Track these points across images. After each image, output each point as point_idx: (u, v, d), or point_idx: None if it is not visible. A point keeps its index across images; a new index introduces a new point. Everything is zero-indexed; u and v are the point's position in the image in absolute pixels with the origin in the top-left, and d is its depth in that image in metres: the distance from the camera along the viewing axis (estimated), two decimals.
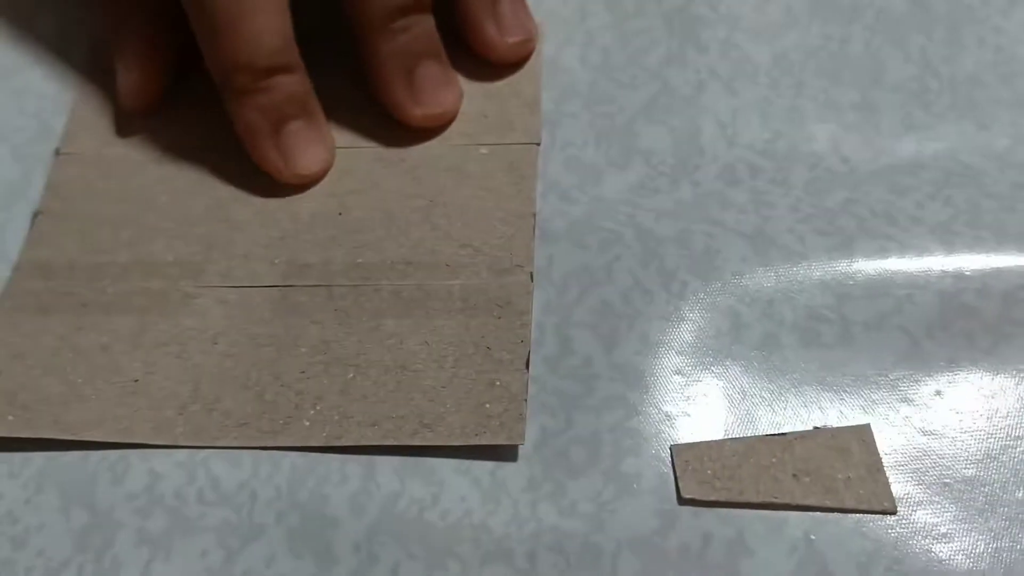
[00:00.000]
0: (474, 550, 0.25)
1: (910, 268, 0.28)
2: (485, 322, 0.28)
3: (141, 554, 0.25)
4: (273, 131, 0.30)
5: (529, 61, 0.33)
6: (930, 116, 0.31)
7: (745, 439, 0.26)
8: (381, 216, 0.30)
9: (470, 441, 0.26)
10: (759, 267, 0.29)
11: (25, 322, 0.29)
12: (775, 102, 0.32)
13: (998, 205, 0.29)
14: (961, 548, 0.24)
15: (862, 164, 0.31)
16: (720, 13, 0.34)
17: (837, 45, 0.33)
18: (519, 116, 0.32)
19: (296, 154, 0.30)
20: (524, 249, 0.29)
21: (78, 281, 0.30)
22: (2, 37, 0.36)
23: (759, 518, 0.25)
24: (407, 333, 0.28)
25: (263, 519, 0.25)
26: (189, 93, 0.33)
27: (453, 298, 0.28)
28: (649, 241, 0.29)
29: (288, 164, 0.30)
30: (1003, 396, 0.26)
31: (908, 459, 0.25)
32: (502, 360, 0.27)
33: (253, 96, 0.30)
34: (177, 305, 0.29)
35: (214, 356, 0.28)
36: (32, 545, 0.26)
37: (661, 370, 0.27)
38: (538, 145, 0.31)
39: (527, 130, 0.32)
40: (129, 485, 0.26)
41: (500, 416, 0.26)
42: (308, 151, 0.31)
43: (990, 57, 0.33)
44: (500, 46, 0.32)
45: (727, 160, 0.31)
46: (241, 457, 0.26)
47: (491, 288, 0.28)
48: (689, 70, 0.33)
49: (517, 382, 0.26)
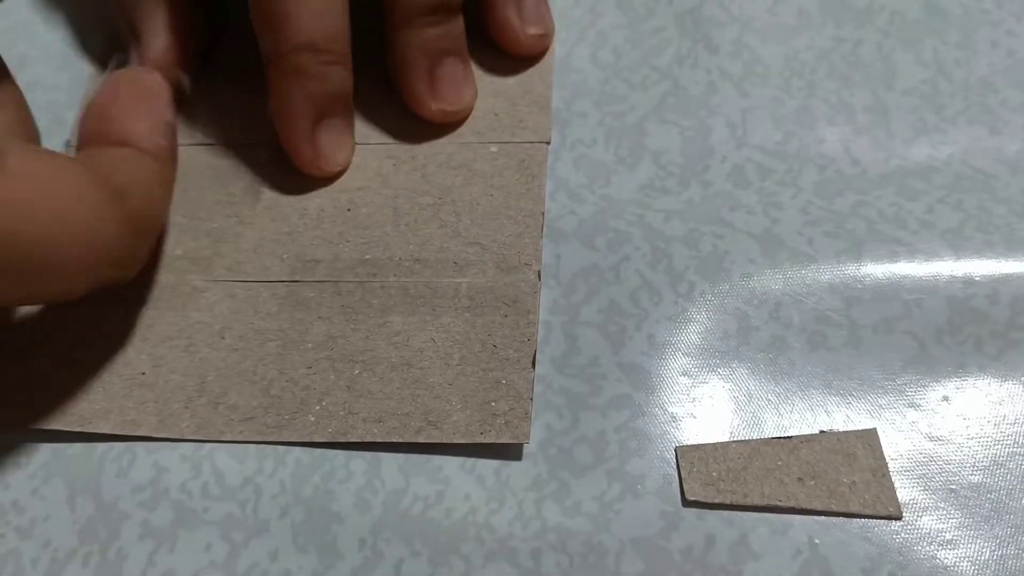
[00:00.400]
0: (478, 548, 0.25)
1: (919, 272, 0.28)
2: (492, 320, 0.28)
3: (146, 546, 0.25)
4: (314, 123, 0.30)
5: (542, 60, 0.33)
6: (942, 120, 0.31)
7: (750, 442, 0.26)
8: (390, 213, 0.30)
9: (475, 439, 0.26)
10: (767, 269, 0.28)
11: (33, 315, 0.29)
12: (786, 103, 0.32)
13: (1009, 210, 0.29)
14: (966, 555, 0.24)
15: (873, 167, 0.30)
16: (732, 14, 0.34)
17: (849, 47, 0.33)
18: (529, 115, 0.32)
19: (328, 151, 0.31)
20: (532, 248, 0.29)
21: None
22: (14, 29, 0.37)
23: (763, 521, 0.25)
24: (413, 330, 0.28)
25: (268, 514, 0.26)
26: (198, 89, 0.33)
27: (460, 296, 0.28)
28: (658, 241, 0.29)
29: (318, 158, 0.30)
30: (1011, 402, 0.26)
31: (914, 464, 0.25)
32: (508, 358, 0.27)
33: (306, 81, 0.29)
34: (185, 298, 0.29)
35: (221, 350, 0.28)
36: (38, 536, 0.26)
37: (667, 371, 0.27)
38: (548, 144, 0.31)
39: (537, 129, 0.31)
40: (135, 478, 0.26)
41: (505, 415, 0.26)
42: (339, 149, 0.31)
43: (1003, 61, 0.32)
44: (521, 36, 0.33)
45: (737, 161, 0.31)
46: (246, 452, 0.26)
47: (498, 286, 0.28)
48: (700, 70, 0.33)
49: (523, 380, 0.26)
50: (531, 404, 0.26)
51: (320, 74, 0.29)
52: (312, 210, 0.30)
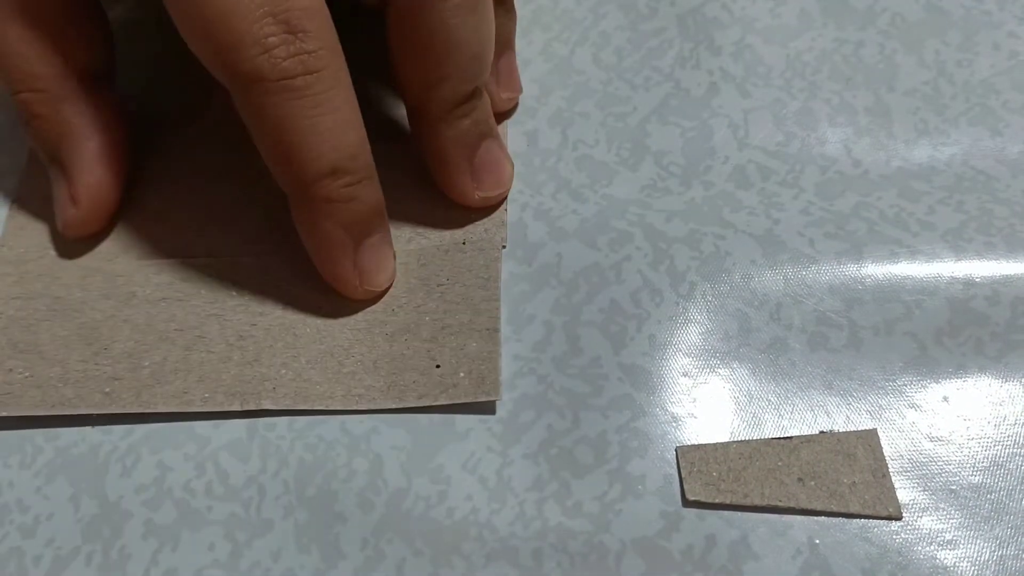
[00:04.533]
0: (479, 548, 0.25)
1: (920, 273, 0.28)
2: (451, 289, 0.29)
3: (149, 545, 0.25)
4: (354, 247, 0.28)
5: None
6: (943, 121, 0.31)
7: (751, 442, 0.26)
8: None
9: (448, 400, 0.27)
10: (768, 270, 0.29)
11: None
12: (788, 104, 0.32)
13: (1010, 211, 0.29)
14: (966, 555, 0.24)
15: (874, 168, 0.30)
16: (734, 15, 0.34)
17: (851, 48, 0.33)
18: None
19: (373, 270, 0.28)
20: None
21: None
22: None
23: (764, 521, 0.25)
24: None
25: (271, 514, 0.26)
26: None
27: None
28: (659, 242, 0.29)
29: (363, 280, 0.28)
30: (1011, 403, 0.26)
31: (914, 465, 0.25)
32: (475, 321, 0.28)
33: (336, 209, 0.27)
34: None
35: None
36: (41, 534, 0.26)
37: (668, 371, 0.27)
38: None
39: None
40: (138, 477, 0.26)
41: (475, 373, 0.27)
42: (384, 265, 0.29)
43: (1005, 63, 0.32)
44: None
45: (738, 162, 0.31)
46: (250, 451, 0.27)
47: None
48: (702, 71, 0.33)
49: (491, 340, 0.27)
50: (499, 359, 0.27)
51: (349, 197, 0.27)
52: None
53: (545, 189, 0.31)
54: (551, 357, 0.28)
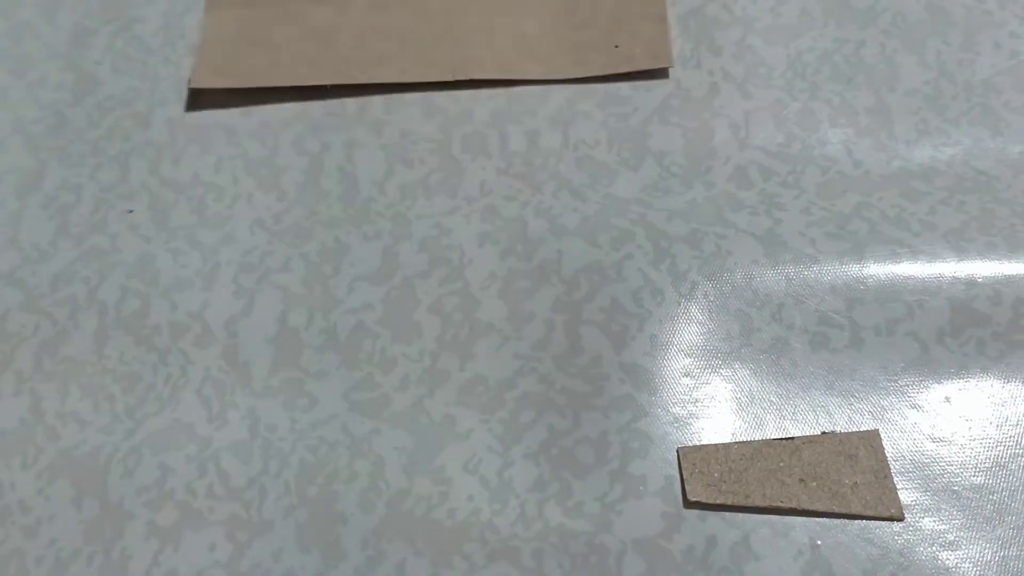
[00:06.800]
0: (480, 548, 0.25)
1: (921, 274, 0.28)
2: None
3: (150, 546, 0.25)
4: None
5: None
6: (944, 121, 0.31)
7: (752, 443, 0.26)
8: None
9: (628, 67, 0.32)
10: (770, 270, 0.29)
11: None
12: (789, 105, 0.32)
13: (1011, 212, 0.29)
14: (968, 556, 0.24)
15: (875, 168, 0.30)
16: (735, 15, 0.34)
17: (852, 48, 0.33)
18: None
19: None
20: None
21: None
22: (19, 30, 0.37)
23: (765, 522, 0.25)
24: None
25: (272, 514, 0.26)
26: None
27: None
28: (660, 241, 0.29)
29: None
30: (1013, 404, 0.26)
31: (916, 465, 0.25)
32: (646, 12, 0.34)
33: None
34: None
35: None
36: (43, 535, 0.26)
37: (670, 372, 0.27)
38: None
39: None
40: (140, 478, 0.26)
41: (650, 49, 0.33)
42: None
43: (1006, 63, 0.32)
44: None
45: (739, 162, 0.31)
46: (252, 452, 0.27)
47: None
48: (703, 72, 0.33)
49: (661, 24, 0.33)
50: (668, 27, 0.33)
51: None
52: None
53: (546, 188, 0.31)
54: (552, 355, 0.28)
